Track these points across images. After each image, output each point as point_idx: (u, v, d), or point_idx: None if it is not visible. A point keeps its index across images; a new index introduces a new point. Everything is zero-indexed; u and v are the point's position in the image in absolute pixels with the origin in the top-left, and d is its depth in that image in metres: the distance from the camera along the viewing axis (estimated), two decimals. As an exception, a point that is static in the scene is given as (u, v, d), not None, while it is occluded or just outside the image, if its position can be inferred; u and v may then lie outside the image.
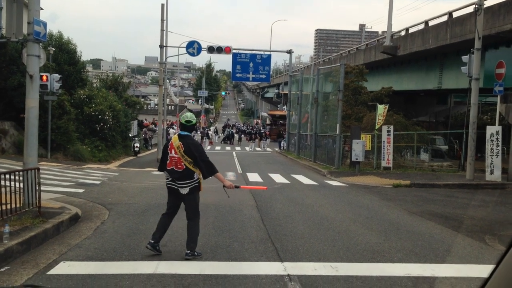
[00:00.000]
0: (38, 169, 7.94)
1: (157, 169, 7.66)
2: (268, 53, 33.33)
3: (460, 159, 20.58)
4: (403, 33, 26.42)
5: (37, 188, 7.75)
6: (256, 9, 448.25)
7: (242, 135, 51.74)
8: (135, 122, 33.65)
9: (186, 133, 6.34)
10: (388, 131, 19.97)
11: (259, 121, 77.15)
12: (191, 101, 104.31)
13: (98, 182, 13.91)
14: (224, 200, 11.31)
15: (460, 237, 7.98)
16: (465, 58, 17.25)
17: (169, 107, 63.23)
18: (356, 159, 19.13)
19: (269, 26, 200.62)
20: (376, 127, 20.81)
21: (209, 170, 6.21)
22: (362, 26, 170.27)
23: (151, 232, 7.60)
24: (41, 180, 13.06)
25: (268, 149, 41.34)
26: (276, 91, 66.38)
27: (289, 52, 33.22)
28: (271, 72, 39.75)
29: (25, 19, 8.94)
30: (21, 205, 7.72)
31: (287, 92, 39.61)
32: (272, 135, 49.80)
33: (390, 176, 17.89)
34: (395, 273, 5.82)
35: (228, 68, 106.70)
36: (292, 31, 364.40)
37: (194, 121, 6.40)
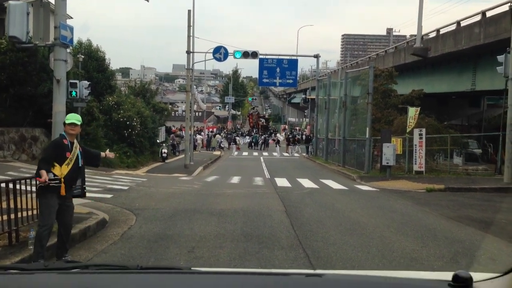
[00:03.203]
0: (65, 174, 7.84)
1: (184, 175, 7.42)
2: (295, 57, 33.08)
3: (496, 162, 19.82)
4: (433, 34, 25.77)
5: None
6: (283, 16, 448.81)
7: (269, 140, 51.48)
8: (163, 128, 33.83)
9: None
10: (420, 134, 19.39)
11: (286, 127, 76.85)
12: (218, 107, 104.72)
13: (126, 188, 13.87)
14: (253, 206, 11.11)
15: (504, 244, 7.52)
16: (500, 58, 16.58)
17: (197, 113, 63.49)
18: (387, 163, 18.64)
19: (295, 32, 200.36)
20: (408, 130, 20.26)
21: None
22: (389, 30, 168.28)
23: (178, 237, 7.45)
24: (70, 186, 13.20)
25: (296, 154, 40.96)
26: (303, 96, 65.80)
27: (316, 56, 32.91)
28: (297, 78, 39.45)
29: (52, 24, 8.96)
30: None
31: (314, 97, 39.23)
32: None
33: (422, 180, 17.34)
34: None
35: (255, 74, 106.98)
36: (318, 37, 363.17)
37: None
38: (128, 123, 24.36)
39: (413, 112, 20.19)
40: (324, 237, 7.74)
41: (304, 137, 50.94)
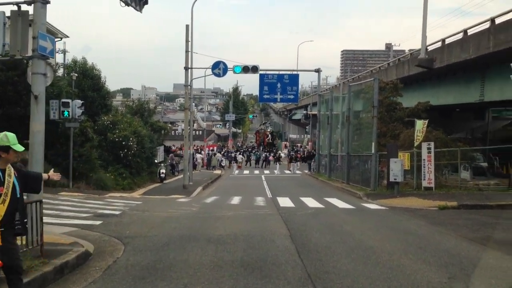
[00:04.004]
0: (41, 201, 6.94)
1: (182, 196, 6.35)
2: (296, 73, 32.40)
3: (510, 177, 18.88)
4: (438, 45, 24.99)
5: (38, 223, 6.73)
6: (282, 33, 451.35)
7: (270, 158, 50.65)
8: (161, 147, 32.97)
9: None
10: (429, 148, 18.49)
11: (288, 144, 75.99)
12: (218, 125, 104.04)
13: (118, 213, 12.94)
14: (254, 230, 10.18)
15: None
16: (512, 66, 15.83)
17: (197, 132, 62.78)
18: (395, 179, 17.74)
19: (295, 49, 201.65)
20: (415, 144, 19.39)
21: None
22: (389, 45, 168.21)
23: (169, 271, 6.54)
24: (58, 212, 12.25)
25: (298, 171, 40.06)
26: (304, 112, 65.13)
27: (318, 71, 32.26)
28: (298, 94, 38.81)
29: (30, 35, 8.16)
30: (25, 243, 6.72)
31: (315, 112, 38.50)
32: None
33: (433, 197, 16.40)
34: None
35: (255, 92, 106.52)
36: (318, 53, 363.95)
37: None
38: (124, 143, 23.50)
39: (420, 125, 19.35)
40: (336, 267, 6.80)
41: (305, 153, 50.09)
